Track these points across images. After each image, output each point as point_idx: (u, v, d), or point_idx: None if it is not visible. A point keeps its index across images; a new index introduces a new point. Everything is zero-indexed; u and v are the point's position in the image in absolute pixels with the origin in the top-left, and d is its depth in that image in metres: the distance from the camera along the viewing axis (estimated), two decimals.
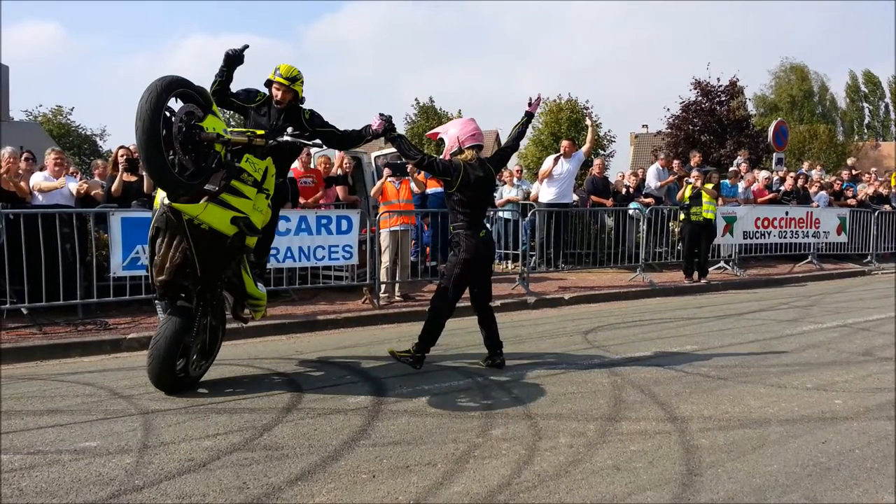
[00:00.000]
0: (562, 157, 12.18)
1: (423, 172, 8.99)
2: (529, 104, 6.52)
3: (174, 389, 5.15)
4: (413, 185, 10.19)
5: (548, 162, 12.45)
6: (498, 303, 9.66)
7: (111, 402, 5.01)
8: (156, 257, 4.92)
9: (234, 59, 5.46)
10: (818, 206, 15.01)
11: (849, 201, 15.97)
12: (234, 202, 4.94)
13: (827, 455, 4.04)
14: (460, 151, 5.94)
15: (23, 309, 7.53)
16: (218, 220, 4.84)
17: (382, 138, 6.08)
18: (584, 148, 12.58)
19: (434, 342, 6.02)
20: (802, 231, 14.33)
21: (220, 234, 4.91)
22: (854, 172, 17.74)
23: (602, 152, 33.02)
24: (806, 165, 18.83)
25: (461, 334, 7.78)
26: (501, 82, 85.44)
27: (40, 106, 39.80)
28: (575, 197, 13.80)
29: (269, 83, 5.69)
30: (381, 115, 5.84)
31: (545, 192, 12.17)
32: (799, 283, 12.82)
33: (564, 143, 12.60)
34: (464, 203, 5.92)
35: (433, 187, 11.46)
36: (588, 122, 13.08)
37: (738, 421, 4.63)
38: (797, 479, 3.69)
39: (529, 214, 11.59)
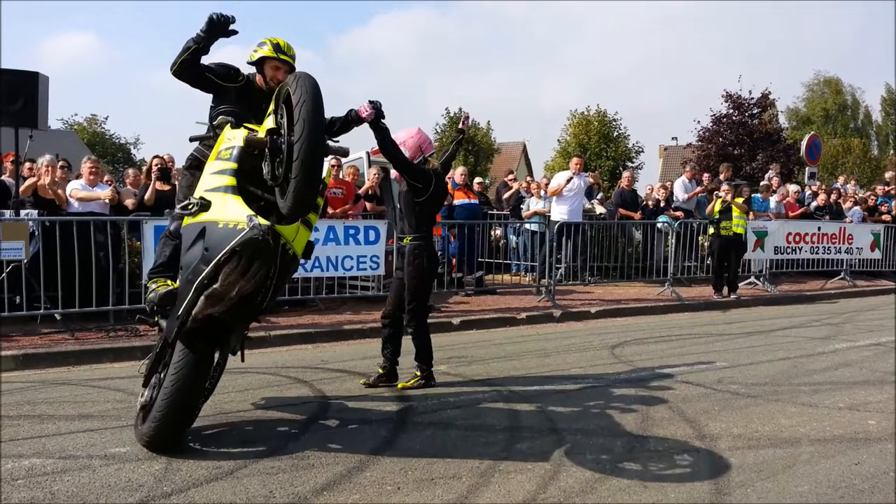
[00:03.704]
0: (574, 176, 11.97)
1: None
2: (461, 122, 6.55)
3: (171, 450, 4.14)
4: None
5: (559, 178, 12.16)
6: (524, 315, 9.66)
7: None
8: (216, 286, 3.78)
9: (219, 29, 4.37)
10: (852, 221, 14.76)
11: (883, 217, 15.65)
12: (313, 220, 4.26)
13: (860, 477, 3.95)
14: (425, 161, 5.80)
15: (56, 314, 7.68)
16: (301, 243, 4.09)
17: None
18: (590, 180, 12.37)
19: (432, 355, 5.93)
20: (835, 247, 14.09)
21: (297, 259, 4.14)
22: (888, 188, 17.40)
23: (630, 164, 32.79)
24: (841, 180, 18.51)
25: (486, 346, 7.78)
26: (529, 92, 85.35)
27: (75, 114, 40.69)
28: (603, 210, 13.74)
29: (261, 61, 4.60)
30: (370, 101, 5.15)
31: (556, 210, 11.93)
32: (831, 300, 12.59)
33: (575, 160, 12.39)
34: (427, 213, 5.81)
35: (460, 199, 11.51)
36: (591, 179, 12.98)
37: (769, 440, 4.55)
38: (829, 501, 3.61)
39: (556, 227, 11.54)
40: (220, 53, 4.59)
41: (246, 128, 4.22)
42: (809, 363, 6.96)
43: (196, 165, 4.59)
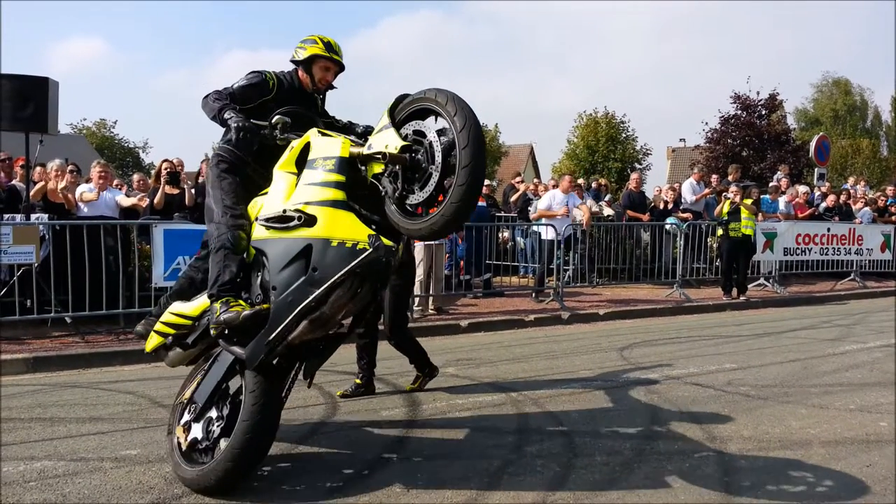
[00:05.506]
0: (569, 198, 11.44)
1: None
2: None
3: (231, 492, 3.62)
4: None
5: (550, 202, 11.46)
6: (532, 317, 9.65)
7: (151, 411, 5.11)
8: (324, 308, 3.50)
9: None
10: (861, 222, 14.70)
11: (893, 218, 15.58)
12: None
13: (872, 479, 3.92)
14: None
15: (66, 318, 7.73)
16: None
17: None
18: (583, 214, 11.73)
19: (426, 355, 5.83)
20: (845, 248, 14.05)
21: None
22: None
23: (638, 166, 32.74)
24: (851, 181, 18.41)
25: (494, 348, 7.79)
26: (535, 96, 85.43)
27: (84, 119, 41.06)
28: (611, 211, 13.71)
29: (310, 60, 4.28)
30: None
31: (545, 232, 11.28)
32: (841, 302, 12.54)
33: (567, 178, 12.01)
34: None
35: None
36: (584, 215, 12.15)
37: (779, 442, 4.53)
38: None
39: (564, 229, 11.52)
40: (225, 60, 4.42)
41: (326, 135, 3.82)
42: (820, 365, 6.93)
43: (232, 170, 4.08)
